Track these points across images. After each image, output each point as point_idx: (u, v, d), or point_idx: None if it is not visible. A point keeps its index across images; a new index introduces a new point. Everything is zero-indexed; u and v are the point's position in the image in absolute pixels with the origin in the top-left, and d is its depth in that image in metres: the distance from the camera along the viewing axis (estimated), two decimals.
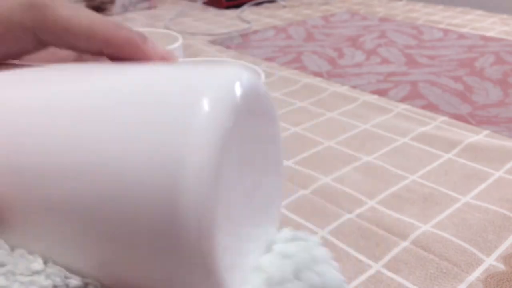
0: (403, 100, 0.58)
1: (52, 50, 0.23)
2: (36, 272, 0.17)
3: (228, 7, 1.08)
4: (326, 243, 0.34)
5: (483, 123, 0.51)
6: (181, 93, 0.17)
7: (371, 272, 0.31)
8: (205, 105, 0.16)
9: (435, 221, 0.36)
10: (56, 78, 0.21)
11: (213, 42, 0.83)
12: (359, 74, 0.67)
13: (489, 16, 0.95)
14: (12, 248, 0.18)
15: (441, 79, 0.64)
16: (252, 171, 0.20)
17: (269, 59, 0.74)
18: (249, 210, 0.20)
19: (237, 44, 0.82)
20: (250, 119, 0.19)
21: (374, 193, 0.40)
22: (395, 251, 0.33)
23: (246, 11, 1.05)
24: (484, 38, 0.81)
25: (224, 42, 0.83)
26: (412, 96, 0.59)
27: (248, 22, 0.95)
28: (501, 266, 0.32)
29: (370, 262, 0.32)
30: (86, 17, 0.21)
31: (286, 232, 0.22)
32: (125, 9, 1.06)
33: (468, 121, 0.52)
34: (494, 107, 0.55)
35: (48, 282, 0.17)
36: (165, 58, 0.22)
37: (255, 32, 0.89)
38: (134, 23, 0.97)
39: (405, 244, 0.34)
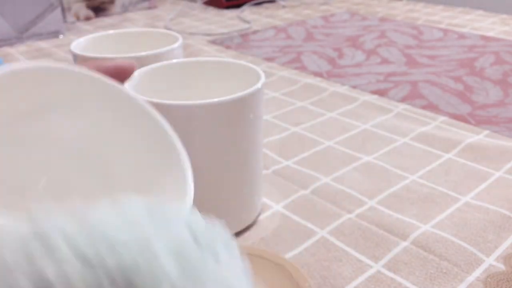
0: (403, 100, 0.58)
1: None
2: None
3: (228, 7, 1.08)
4: (326, 243, 0.34)
5: (483, 123, 0.51)
6: None
7: (371, 272, 0.31)
8: None
9: (435, 221, 0.36)
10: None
11: (213, 42, 0.83)
12: (359, 74, 0.67)
13: (489, 16, 0.95)
14: None
15: (441, 79, 0.64)
16: None
17: (269, 59, 0.74)
18: None
19: (237, 44, 0.82)
20: None
21: (374, 193, 0.40)
22: (395, 251, 0.33)
23: (246, 11, 1.05)
24: (484, 38, 0.81)
25: (224, 42, 0.83)
26: (412, 96, 0.59)
27: (248, 22, 0.95)
28: (501, 266, 0.32)
29: (370, 262, 0.32)
30: None
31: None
32: (125, 9, 1.06)
33: (468, 121, 0.52)
34: (494, 107, 0.55)
35: None
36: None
37: (255, 32, 0.89)
38: (134, 23, 0.97)
39: (405, 244, 0.34)
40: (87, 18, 1.01)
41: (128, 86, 0.32)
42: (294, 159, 0.45)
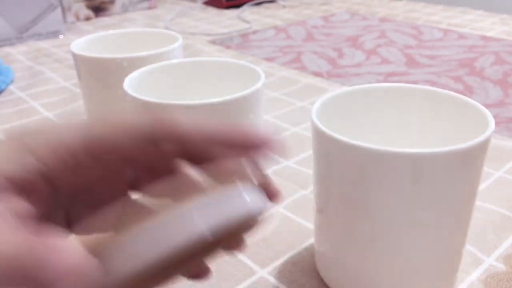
0: None
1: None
2: None
3: (228, 7, 1.08)
4: None
5: None
6: None
7: None
8: None
9: None
10: None
11: (213, 42, 0.83)
12: (359, 74, 0.67)
13: (489, 16, 0.95)
14: None
15: (441, 79, 0.64)
16: None
17: (269, 59, 0.74)
18: None
19: (237, 44, 0.82)
20: None
21: None
22: None
23: (246, 11, 1.05)
24: (484, 38, 0.81)
25: (224, 42, 0.83)
26: None
27: (248, 22, 0.95)
28: (501, 266, 0.32)
29: None
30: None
31: None
32: (125, 9, 1.06)
33: None
34: (494, 107, 0.55)
35: None
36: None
37: (255, 32, 0.89)
38: (134, 23, 0.97)
39: None
40: (87, 18, 1.01)
41: (128, 86, 0.32)
42: (294, 159, 0.45)
